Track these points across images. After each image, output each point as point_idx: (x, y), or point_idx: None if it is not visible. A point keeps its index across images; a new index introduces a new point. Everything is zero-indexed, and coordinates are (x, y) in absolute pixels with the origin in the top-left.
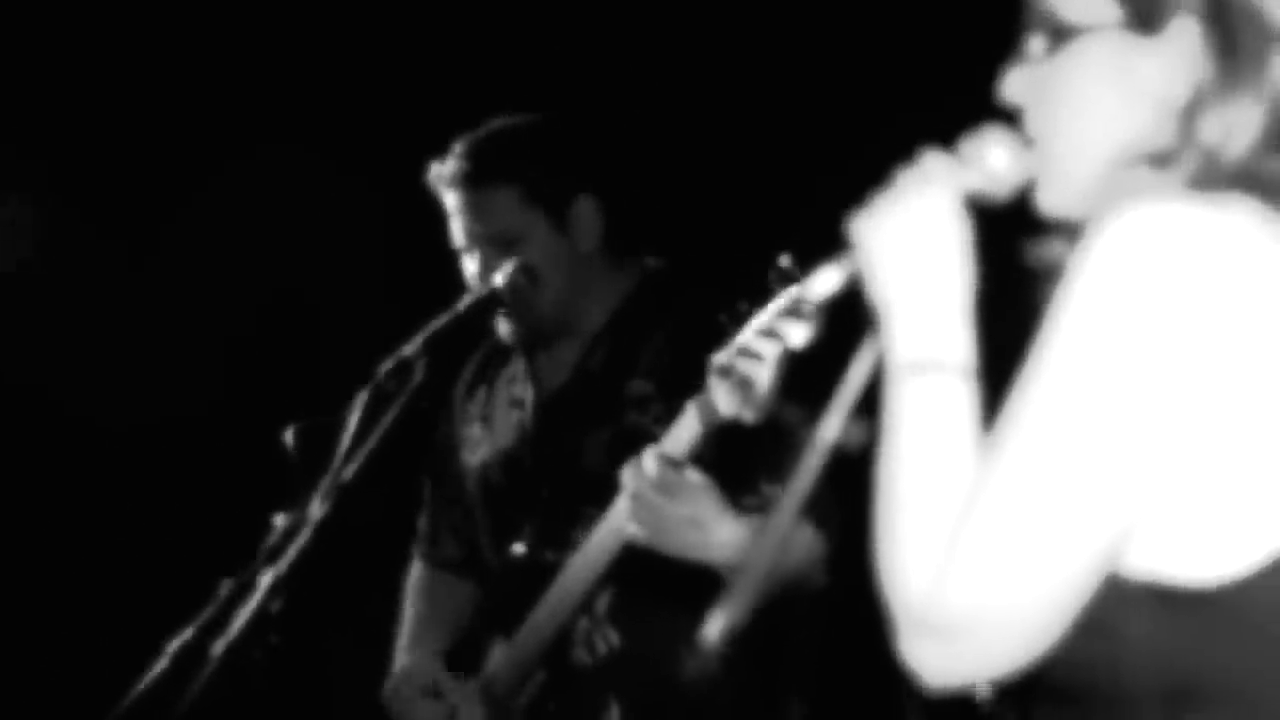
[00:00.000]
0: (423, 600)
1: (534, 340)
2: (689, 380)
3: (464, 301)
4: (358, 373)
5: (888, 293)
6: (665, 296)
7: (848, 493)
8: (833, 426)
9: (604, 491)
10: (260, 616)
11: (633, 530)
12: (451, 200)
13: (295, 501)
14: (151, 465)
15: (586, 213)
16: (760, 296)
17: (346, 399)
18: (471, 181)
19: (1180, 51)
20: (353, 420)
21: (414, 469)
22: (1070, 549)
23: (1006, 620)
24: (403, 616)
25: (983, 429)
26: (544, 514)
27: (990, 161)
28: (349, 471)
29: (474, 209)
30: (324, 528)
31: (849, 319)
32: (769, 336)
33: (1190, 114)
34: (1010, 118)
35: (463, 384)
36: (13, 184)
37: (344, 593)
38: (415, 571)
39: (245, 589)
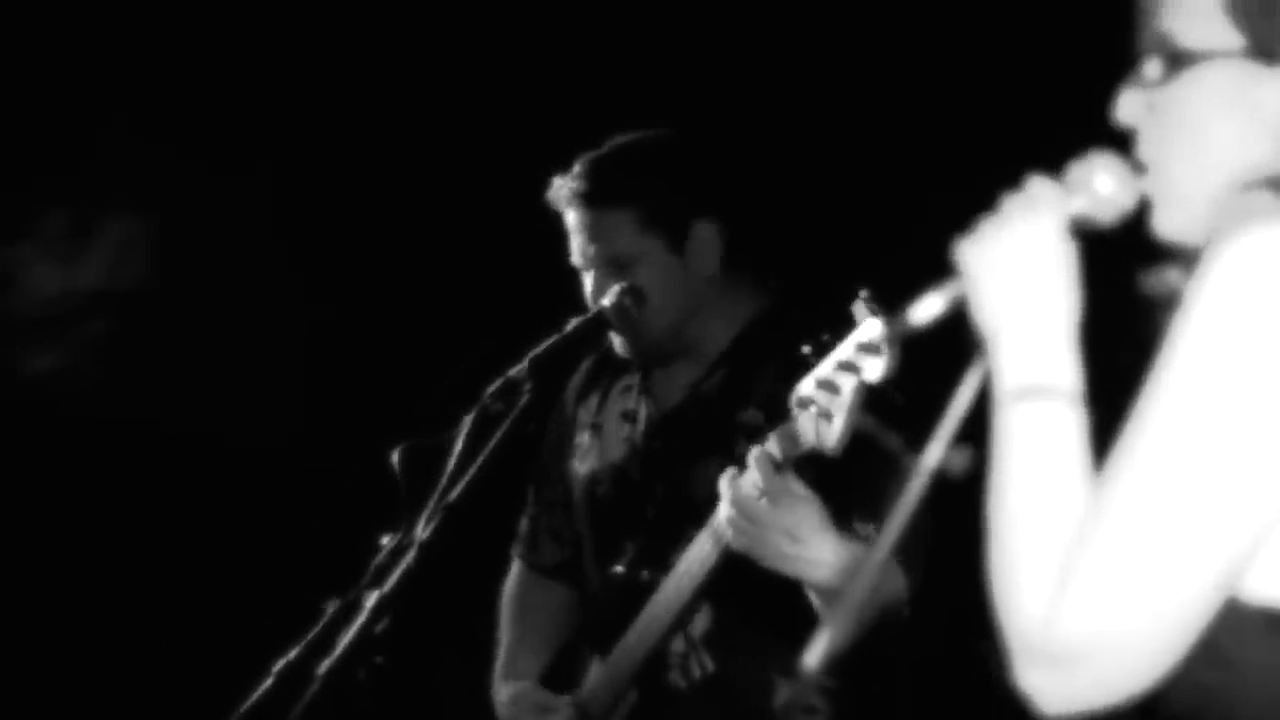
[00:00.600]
0: (521, 614)
1: (647, 360)
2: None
3: (572, 323)
4: (467, 393)
5: (994, 318)
6: (784, 323)
7: (951, 520)
8: (936, 454)
9: (709, 516)
10: (365, 637)
11: (729, 537)
12: (570, 218)
13: (401, 522)
14: (263, 485)
15: (706, 236)
16: (842, 327)
17: (455, 420)
18: (590, 201)
19: None
20: (459, 441)
21: (521, 488)
22: (1189, 575)
23: (1123, 648)
24: (501, 624)
25: (1094, 457)
26: (648, 534)
27: (1097, 187)
28: (455, 493)
29: (591, 230)
30: (429, 549)
31: (954, 346)
32: (847, 370)
33: None
34: (1121, 143)
35: (574, 389)
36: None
37: (453, 613)
38: (513, 576)
39: (351, 609)
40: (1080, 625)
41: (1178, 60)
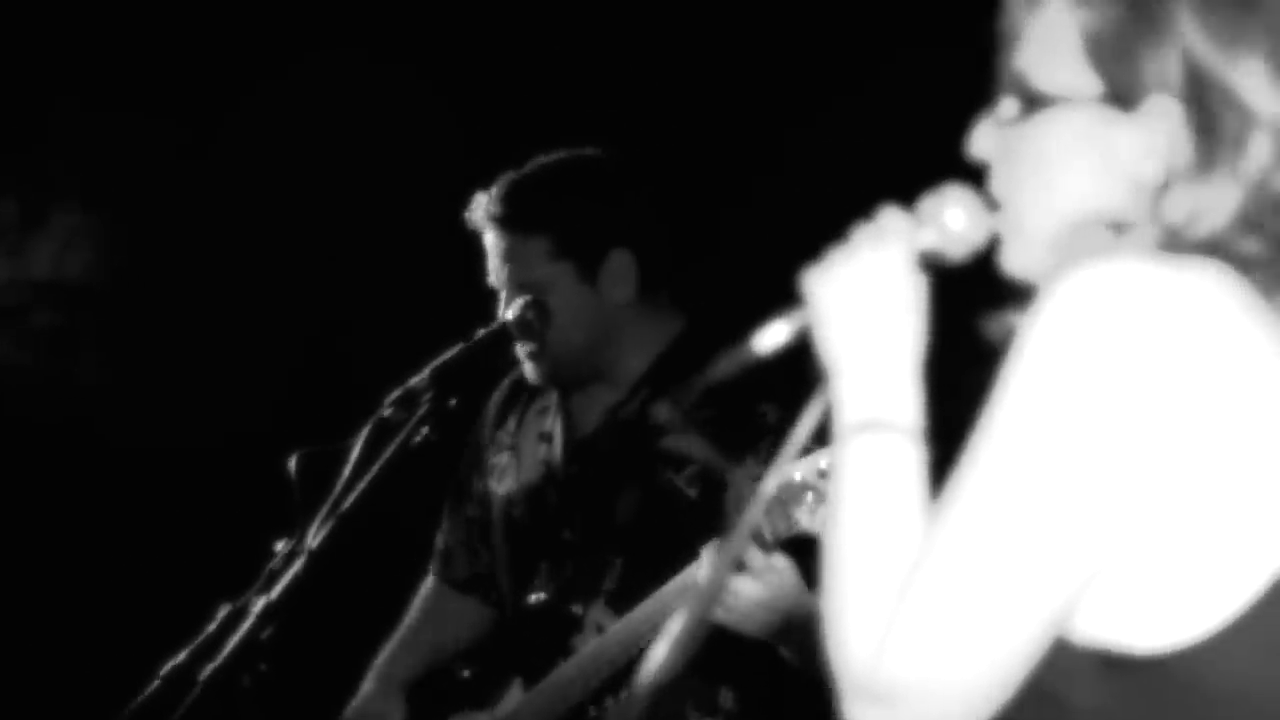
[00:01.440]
0: (421, 618)
1: (557, 383)
2: (726, 441)
3: (474, 336)
4: (371, 400)
5: (836, 349)
6: (704, 346)
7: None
8: (774, 480)
9: (632, 543)
10: (249, 643)
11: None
12: (487, 239)
13: (296, 529)
14: (161, 488)
15: (620, 266)
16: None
17: (353, 428)
18: (504, 225)
19: (1157, 129)
20: (356, 450)
21: (416, 501)
22: (1016, 618)
23: (950, 690)
24: (400, 625)
25: (936, 494)
26: (566, 556)
27: (947, 221)
28: (348, 501)
29: (505, 254)
30: (319, 557)
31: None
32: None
33: (1162, 192)
34: (977, 177)
35: (494, 406)
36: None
37: (344, 622)
38: (424, 587)
39: (240, 615)
40: (905, 666)
41: (1034, 100)
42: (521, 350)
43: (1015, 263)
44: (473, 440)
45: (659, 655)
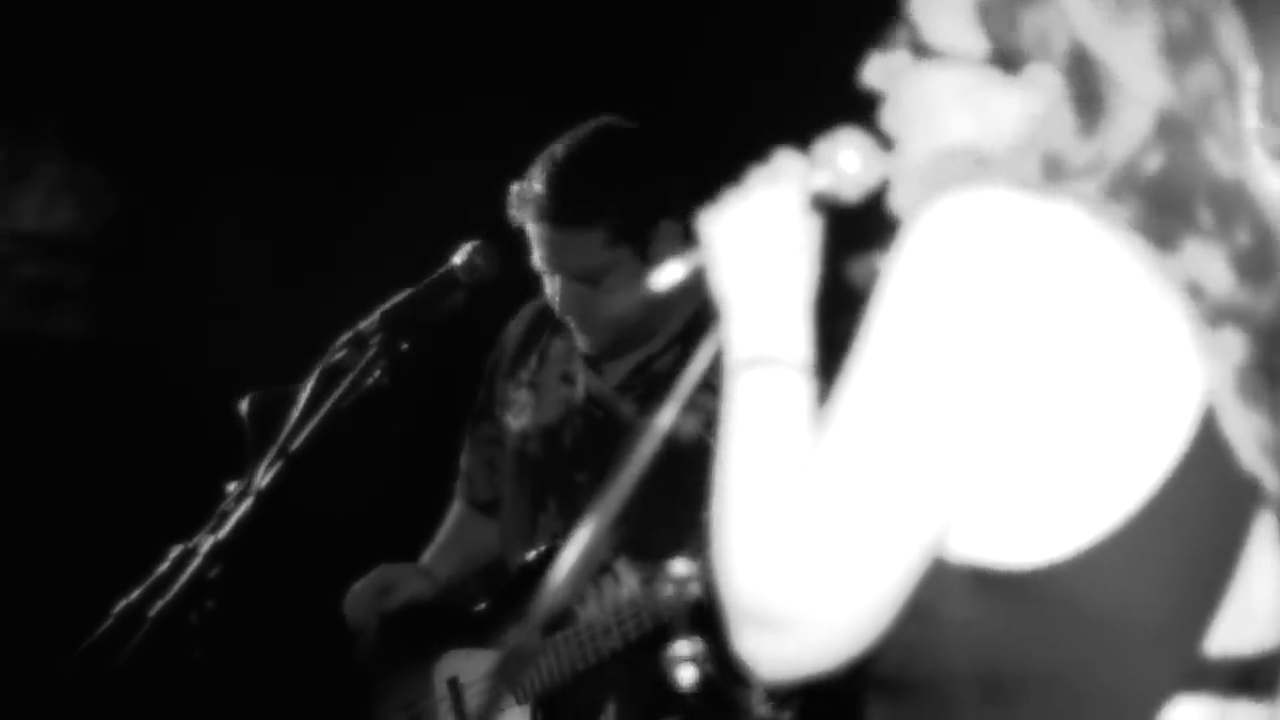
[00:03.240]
0: (448, 534)
1: (613, 350)
2: None
3: (423, 280)
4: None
5: (729, 287)
6: None
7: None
8: (667, 417)
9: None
10: (197, 582)
11: None
12: (534, 231)
13: (247, 470)
14: (116, 431)
15: (669, 236)
16: None
17: (304, 370)
18: (556, 220)
19: (1036, 96)
20: (306, 392)
21: (366, 443)
22: (894, 540)
23: (835, 613)
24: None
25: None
26: (577, 498)
27: (841, 163)
28: (296, 442)
29: (558, 246)
30: (268, 497)
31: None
32: None
33: (1037, 153)
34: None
35: (513, 340)
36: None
37: (293, 563)
38: (453, 507)
39: (191, 555)
40: (791, 593)
41: (924, 50)
42: (573, 324)
43: (902, 202)
44: (490, 368)
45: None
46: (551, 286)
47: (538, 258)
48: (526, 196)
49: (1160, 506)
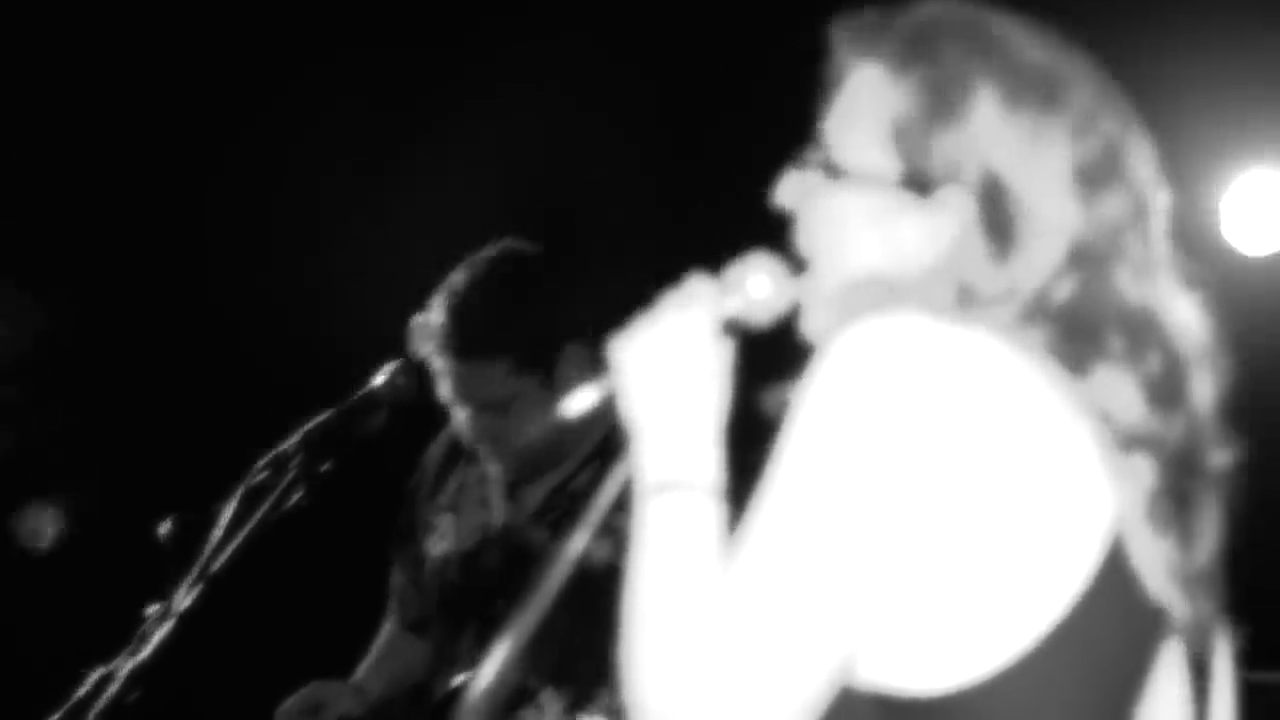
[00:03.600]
0: (377, 652)
1: (524, 475)
2: None
3: (343, 402)
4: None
5: (640, 412)
6: None
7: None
8: (578, 543)
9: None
10: (115, 707)
11: None
12: (437, 364)
13: (168, 593)
14: (31, 551)
15: (574, 360)
16: None
17: (224, 492)
18: (459, 353)
19: (948, 221)
20: (226, 513)
21: (289, 563)
22: (799, 667)
23: None
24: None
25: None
26: (494, 623)
27: (751, 288)
28: (217, 564)
29: (463, 378)
30: (188, 619)
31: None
32: None
33: (949, 277)
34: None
35: (433, 464)
36: None
37: (219, 683)
38: (386, 625)
39: (110, 679)
40: (697, 717)
41: (837, 171)
42: (484, 453)
43: (813, 326)
44: (411, 491)
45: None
46: (460, 416)
47: (443, 390)
48: (428, 329)
49: (1067, 633)
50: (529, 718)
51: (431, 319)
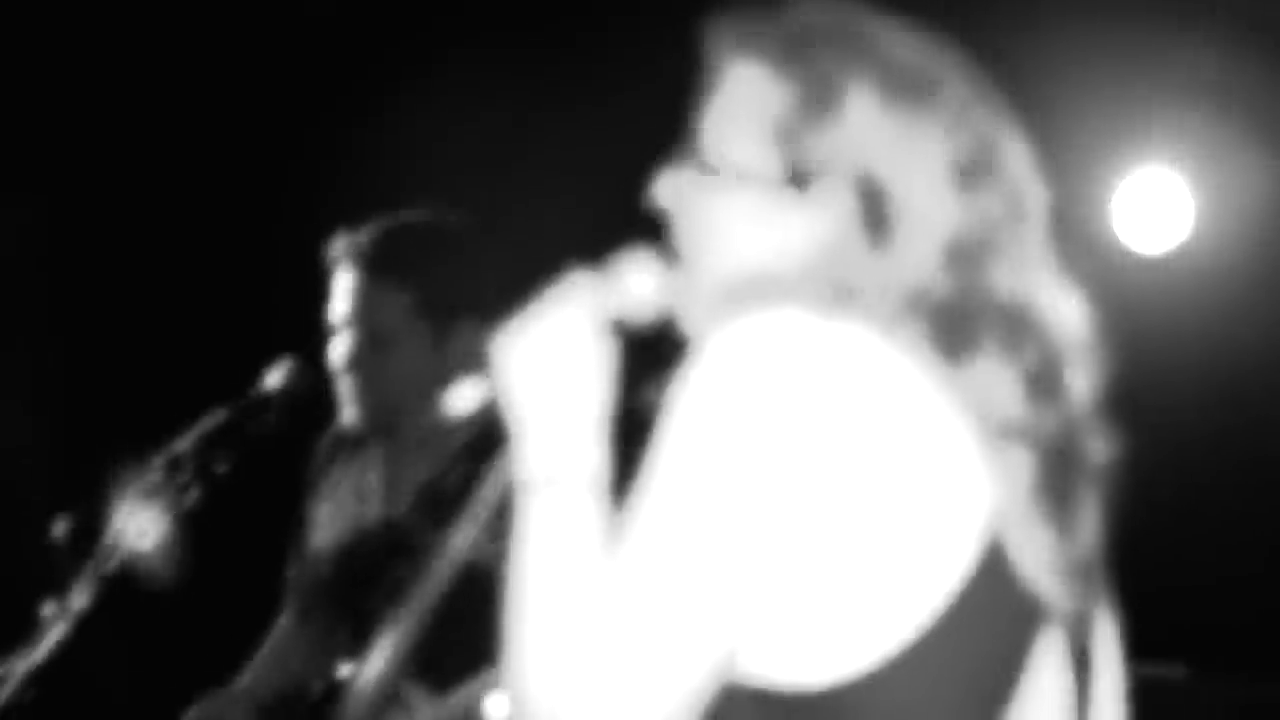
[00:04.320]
0: (271, 646)
1: (376, 430)
2: None
3: (239, 400)
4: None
5: (520, 409)
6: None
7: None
8: (461, 541)
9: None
10: (11, 707)
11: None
12: (344, 278)
13: (63, 592)
14: None
15: (469, 335)
16: None
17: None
18: (371, 267)
19: (824, 215)
20: (121, 513)
21: (185, 564)
22: (681, 662)
23: None
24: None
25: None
26: (368, 625)
27: (631, 285)
28: (111, 564)
29: (364, 296)
30: (83, 620)
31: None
32: None
33: (826, 270)
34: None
35: (321, 454)
36: None
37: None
38: (279, 620)
39: (4, 679)
40: (579, 713)
41: (715, 168)
42: (347, 388)
43: (690, 320)
44: (303, 490)
45: None
46: (340, 343)
47: (337, 309)
48: (349, 242)
49: (946, 627)
50: (396, 718)
51: (355, 234)
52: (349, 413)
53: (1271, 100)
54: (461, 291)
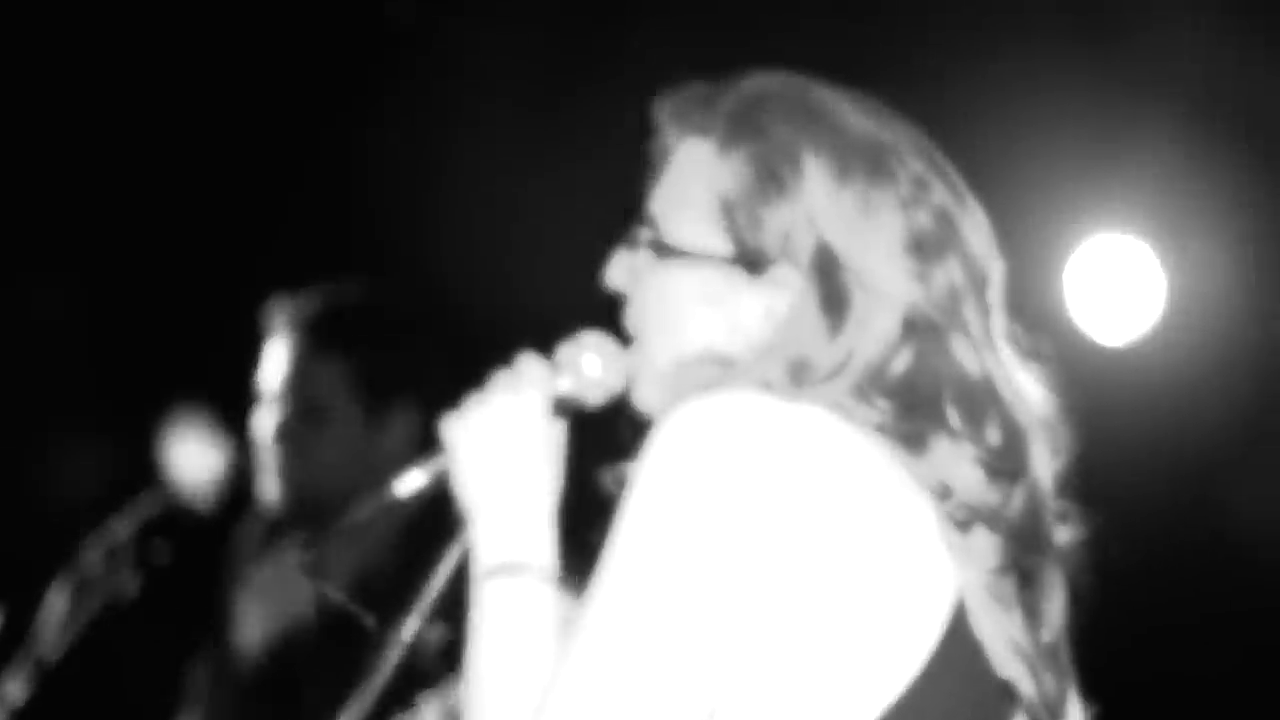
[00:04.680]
0: None
1: (298, 513)
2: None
3: (167, 486)
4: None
5: (472, 494)
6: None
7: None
8: (410, 627)
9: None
10: None
11: None
12: (281, 345)
13: None
14: None
15: (405, 417)
16: None
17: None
18: (311, 333)
19: (779, 297)
20: (57, 600)
21: (121, 654)
22: None
23: None
24: None
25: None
26: (310, 716)
27: (583, 367)
28: (48, 653)
29: (300, 365)
30: (21, 709)
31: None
32: None
33: (781, 352)
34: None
35: (244, 549)
36: None
37: None
38: None
39: None
40: None
41: (667, 250)
42: (270, 467)
43: (645, 401)
44: (223, 583)
45: None
46: (269, 413)
47: (270, 378)
48: (289, 308)
49: (908, 710)
50: None
51: (294, 303)
52: (271, 492)
53: (1235, 168)
54: (402, 371)
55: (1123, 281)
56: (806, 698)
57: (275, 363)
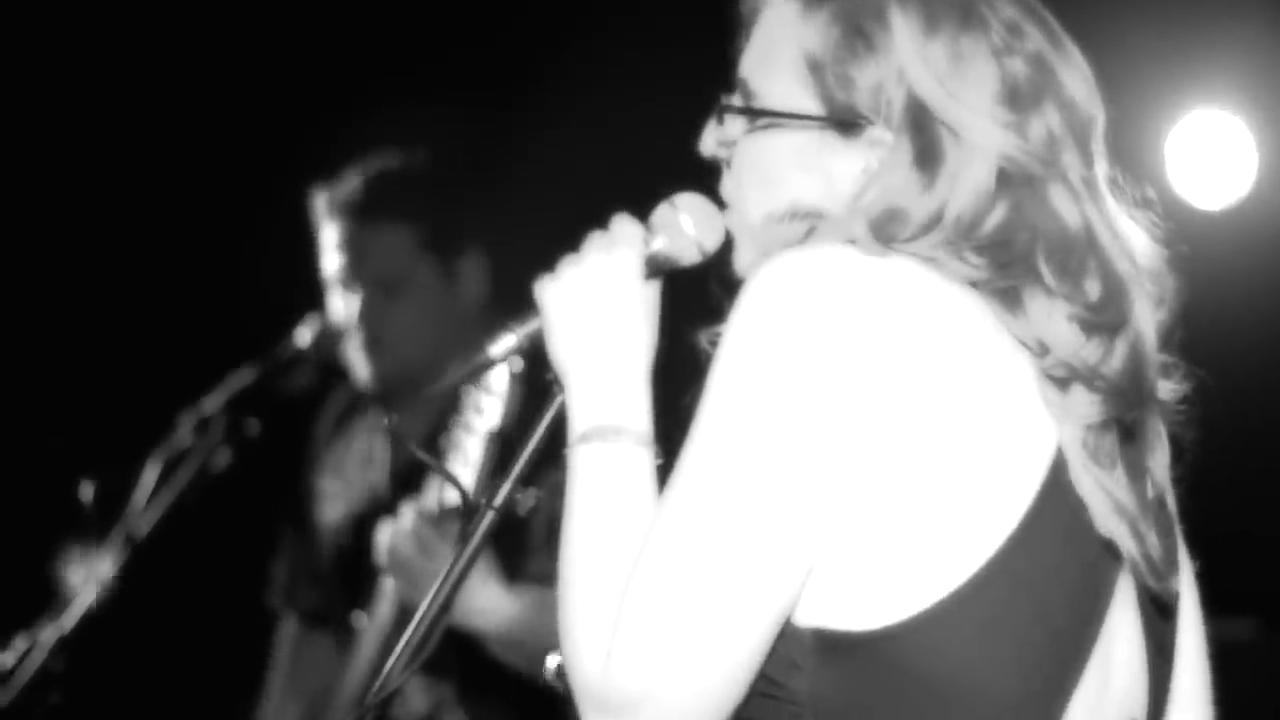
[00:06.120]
0: (287, 666)
1: (392, 385)
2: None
3: (268, 359)
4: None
5: (566, 357)
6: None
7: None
8: (504, 490)
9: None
10: (42, 675)
11: (393, 585)
12: (334, 232)
13: (89, 556)
14: None
15: (477, 264)
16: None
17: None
18: (363, 214)
19: (875, 154)
20: (149, 474)
21: (216, 527)
22: (741, 612)
23: (677, 698)
24: (271, 671)
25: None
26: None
27: (679, 227)
28: (142, 527)
29: (360, 246)
30: (114, 585)
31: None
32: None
33: (875, 209)
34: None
35: (325, 427)
36: None
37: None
38: (283, 627)
39: (34, 648)
40: (631, 676)
41: (758, 113)
42: (359, 346)
43: (744, 262)
44: (306, 462)
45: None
46: (347, 301)
47: (336, 265)
48: (334, 195)
49: (1007, 566)
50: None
51: (337, 185)
52: (363, 368)
53: None
54: (463, 221)
55: (1218, 153)
56: (905, 550)
57: (334, 248)
